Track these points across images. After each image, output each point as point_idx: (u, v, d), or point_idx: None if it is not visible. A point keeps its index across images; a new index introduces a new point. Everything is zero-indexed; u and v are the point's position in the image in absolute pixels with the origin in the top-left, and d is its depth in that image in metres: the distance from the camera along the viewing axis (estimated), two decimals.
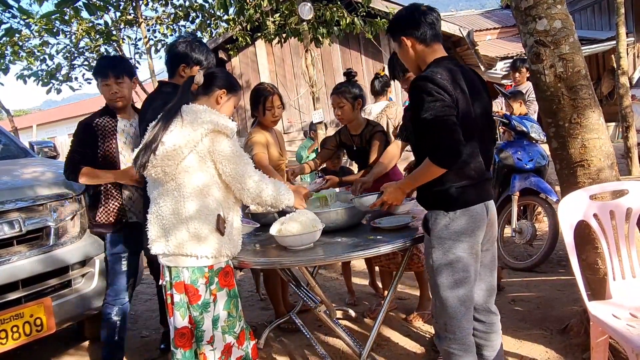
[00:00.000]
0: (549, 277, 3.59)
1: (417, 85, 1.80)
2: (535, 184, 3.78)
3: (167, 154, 1.85)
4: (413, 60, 1.97)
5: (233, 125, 1.95)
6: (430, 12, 1.92)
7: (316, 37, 7.41)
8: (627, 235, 2.14)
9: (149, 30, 9.72)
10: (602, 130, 2.32)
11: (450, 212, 1.85)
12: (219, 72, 2.15)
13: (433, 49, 1.93)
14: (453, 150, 1.74)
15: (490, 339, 2.03)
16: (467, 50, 10.78)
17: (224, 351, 1.98)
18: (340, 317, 3.23)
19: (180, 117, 1.90)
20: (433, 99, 1.74)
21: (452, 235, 1.85)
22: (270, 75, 11.54)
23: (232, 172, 1.93)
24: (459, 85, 1.81)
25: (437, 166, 1.79)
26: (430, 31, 1.91)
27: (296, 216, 2.21)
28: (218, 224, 1.93)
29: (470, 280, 1.88)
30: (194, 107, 1.95)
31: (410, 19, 1.92)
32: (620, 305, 2.01)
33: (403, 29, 1.93)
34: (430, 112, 1.75)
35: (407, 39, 1.93)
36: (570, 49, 2.28)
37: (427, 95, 1.75)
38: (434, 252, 1.90)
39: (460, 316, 1.88)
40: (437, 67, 1.84)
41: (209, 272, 1.94)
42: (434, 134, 1.76)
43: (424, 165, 1.83)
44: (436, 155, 1.78)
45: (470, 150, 1.84)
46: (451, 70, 1.83)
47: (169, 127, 1.89)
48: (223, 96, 2.06)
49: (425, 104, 1.76)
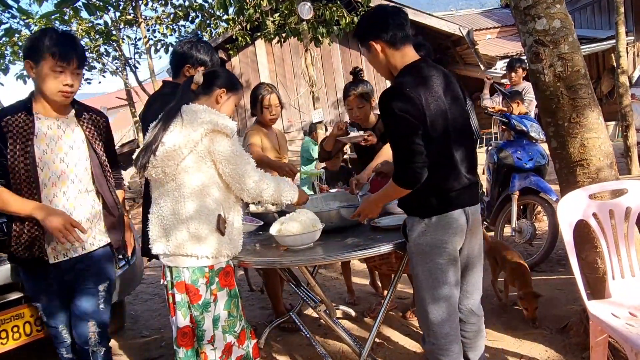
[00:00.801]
0: (549, 276, 3.59)
1: (382, 101, 1.80)
2: (535, 183, 3.78)
3: (167, 154, 1.86)
4: (384, 65, 1.91)
5: (233, 125, 1.95)
6: (399, 13, 1.87)
7: (316, 36, 7.41)
8: (627, 235, 2.14)
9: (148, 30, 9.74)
10: (602, 129, 2.32)
11: (425, 219, 1.85)
12: (219, 71, 2.14)
13: (403, 52, 1.87)
14: (414, 173, 1.75)
15: (475, 341, 2.04)
16: (467, 50, 10.79)
17: (224, 350, 1.98)
18: (340, 317, 3.24)
19: (180, 117, 1.90)
20: (395, 120, 1.75)
21: (428, 242, 1.85)
22: (270, 74, 11.54)
23: (232, 172, 1.93)
24: (431, 90, 1.79)
25: (400, 187, 1.81)
26: (399, 33, 1.84)
27: (296, 216, 2.22)
28: (218, 224, 1.93)
29: (450, 287, 1.87)
30: (194, 106, 1.95)
31: (378, 21, 1.86)
32: (620, 304, 2.01)
33: (371, 33, 1.87)
34: (393, 132, 1.77)
35: (376, 43, 1.86)
36: (569, 48, 2.28)
37: (391, 114, 1.76)
38: (413, 259, 1.91)
39: (442, 323, 1.88)
40: (408, 75, 1.82)
41: (209, 272, 1.95)
42: (395, 153, 1.80)
43: (390, 184, 1.87)
44: (397, 177, 1.81)
45: (448, 159, 1.83)
46: (423, 76, 1.81)
47: (169, 128, 1.89)
48: (223, 95, 2.06)
49: (389, 122, 1.78)
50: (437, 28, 10.69)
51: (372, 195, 2.16)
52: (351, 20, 7.37)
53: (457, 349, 1.92)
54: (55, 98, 1.96)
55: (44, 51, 1.89)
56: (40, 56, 1.90)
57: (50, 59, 1.90)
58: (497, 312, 3.06)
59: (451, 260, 1.87)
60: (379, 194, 2.03)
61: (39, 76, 1.93)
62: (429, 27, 10.68)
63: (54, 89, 1.94)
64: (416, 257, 1.89)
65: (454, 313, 1.91)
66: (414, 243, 1.88)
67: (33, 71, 1.94)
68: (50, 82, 1.92)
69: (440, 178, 1.82)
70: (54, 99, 1.97)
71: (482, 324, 2.08)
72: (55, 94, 1.95)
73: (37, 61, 1.91)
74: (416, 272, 1.91)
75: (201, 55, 2.45)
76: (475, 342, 2.04)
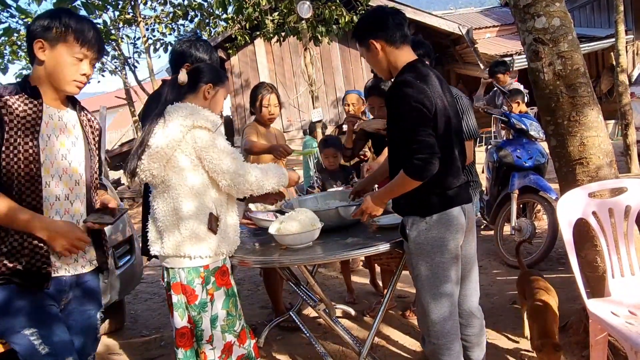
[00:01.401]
0: (549, 275, 3.57)
1: (395, 93, 1.80)
2: (534, 182, 3.78)
3: (151, 156, 1.86)
4: (383, 63, 1.92)
5: (214, 118, 1.93)
6: (397, 13, 1.90)
7: (315, 35, 7.40)
8: (626, 233, 2.14)
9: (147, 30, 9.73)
10: (601, 128, 2.32)
11: (427, 217, 1.85)
12: (201, 66, 2.11)
13: (403, 51, 1.90)
14: (427, 164, 1.74)
15: (477, 342, 2.04)
16: (467, 49, 10.79)
17: (224, 350, 1.98)
18: (339, 316, 3.24)
19: (163, 117, 1.90)
20: (410, 110, 1.74)
21: (430, 241, 1.85)
22: (269, 74, 11.54)
23: (213, 165, 1.89)
24: (435, 88, 1.81)
25: (411, 179, 1.78)
26: (399, 32, 1.87)
27: (295, 215, 2.21)
28: (210, 222, 1.92)
29: (451, 285, 1.88)
30: (177, 106, 1.93)
31: (378, 21, 1.88)
32: (619, 303, 2.01)
33: (371, 32, 1.89)
34: (406, 122, 1.76)
35: (376, 42, 1.88)
36: (569, 46, 2.28)
37: (406, 104, 1.75)
38: (413, 259, 1.91)
39: (443, 321, 1.88)
40: (410, 72, 1.83)
41: (204, 271, 1.94)
42: (407, 146, 1.77)
43: (399, 177, 1.83)
44: (410, 168, 1.77)
45: (448, 156, 1.84)
46: (424, 75, 1.83)
47: (153, 130, 1.89)
48: (210, 90, 2.04)
49: (403, 112, 1.76)
50: (437, 27, 10.69)
51: (376, 192, 2.14)
52: (350, 19, 7.36)
53: (458, 348, 1.92)
54: (67, 87, 1.71)
55: (67, 34, 1.66)
56: (61, 38, 1.66)
57: (75, 43, 1.66)
58: (497, 311, 3.07)
59: (453, 257, 1.87)
60: (385, 188, 2.00)
61: (52, 59, 1.67)
62: (429, 26, 10.69)
63: (69, 77, 1.69)
64: (417, 257, 1.89)
65: (454, 311, 1.91)
66: (415, 242, 1.88)
67: (44, 53, 1.67)
68: (68, 68, 1.68)
69: (442, 175, 1.82)
70: (64, 88, 1.72)
71: (483, 325, 2.08)
72: (70, 82, 1.70)
73: (54, 43, 1.66)
74: (417, 271, 1.91)
75: (200, 54, 2.43)
76: (477, 343, 2.05)
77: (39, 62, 1.69)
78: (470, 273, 2.02)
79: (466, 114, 2.51)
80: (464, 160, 1.99)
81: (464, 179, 1.92)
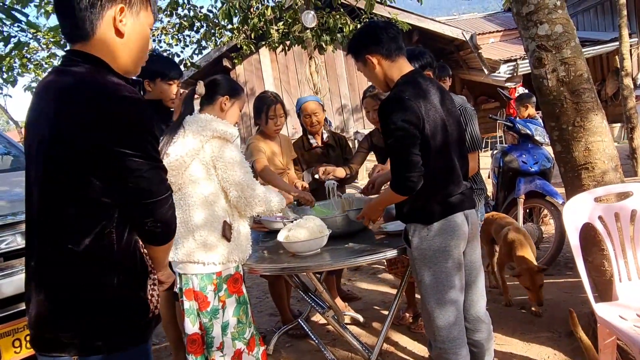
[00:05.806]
0: (556, 279, 3.59)
1: (383, 110, 1.85)
2: (540, 186, 3.79)
3: (170, 165, 1.90)
4: (380, 77, 1.96)
5: (233, 130, 1.99)
6: (391, 27, 1.94)
7: (320, 44, 7.46)
8: (633, 237, 2.14)
9: (154, 41, 9.82)
10: (606, 132, 2.33)
11: (429, 225, 1.88)
12: (219, 79, 2.17)
13: (399, 64, 1.93)
14: (408, 182, 1.80)
15: (486, 347, 2.05)
16: (470, 54, 10.81)
17: (233, 357, 2.00)
18: (348, 322, 3.25)
19: (183, 128, 1.95)
20: (396, 130, 1.79)
21: (432, 247, 1.87)
22: (274, 82, 11.60)
23: (229, 178, 1.96)
24: (428, 99, 1.84)
25: (396, 193, 1.86)
26: (393, 45, 1.90)
27: (303, 222, 2.24)
28: (224, 230, 1.96)
29: (455, 291, 1.90)
30: (196, 116, 2.00)
31: (373, 35, 1.92)
32: (627, 307, 2.01)
33: (367, 47, 1.92)
34: (393, 142, 1.81)
35: (372, 57, 1.92)
36: (572, 53, 2.31)
37: (391, 124, 1.80)
38: (416, 265, 1.93)
39: (449, 327, 1.89)
40: (405, 85, 1.86)
41: (217, 278, 1.98)
42: (393, 162, 1.84)
43: (387, 190, 1.95)
44: (394, 184, 1.86)
45: (448, 164, 1.88)
46: (420, 86, 1.86)
47: (173, 139, 1.94)
48: (227, 102, 2.10)
49: (390, 132, 1.81)
50: (441, 33, 10.73)
51: (373, 200, 2.22)
52: (354, 28, 7.41)
53: (465, 352, 1.93)
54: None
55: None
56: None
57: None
58: (505, 316, 3.06)
59: (456, 264, 1.89)
60: (379, 198, 2.15)
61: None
62: (433, 32, 10.72)
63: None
64: (420, 264, 1.91)
65: (460, 317, 1.93)
66: (418, 249, 1.90)
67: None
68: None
69: (441, 183, 1.87)
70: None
71: (491, 330, 2.09)
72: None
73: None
74: (420, 278, 1.93)
75: (155, 67, 2.45)
76: (486, 348, 2.06)
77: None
78: (477, 279, 2.03)
79: (470, 124, 2.54)
80: (466, 167, 2.01)
81: (465, 186, 1.95)
